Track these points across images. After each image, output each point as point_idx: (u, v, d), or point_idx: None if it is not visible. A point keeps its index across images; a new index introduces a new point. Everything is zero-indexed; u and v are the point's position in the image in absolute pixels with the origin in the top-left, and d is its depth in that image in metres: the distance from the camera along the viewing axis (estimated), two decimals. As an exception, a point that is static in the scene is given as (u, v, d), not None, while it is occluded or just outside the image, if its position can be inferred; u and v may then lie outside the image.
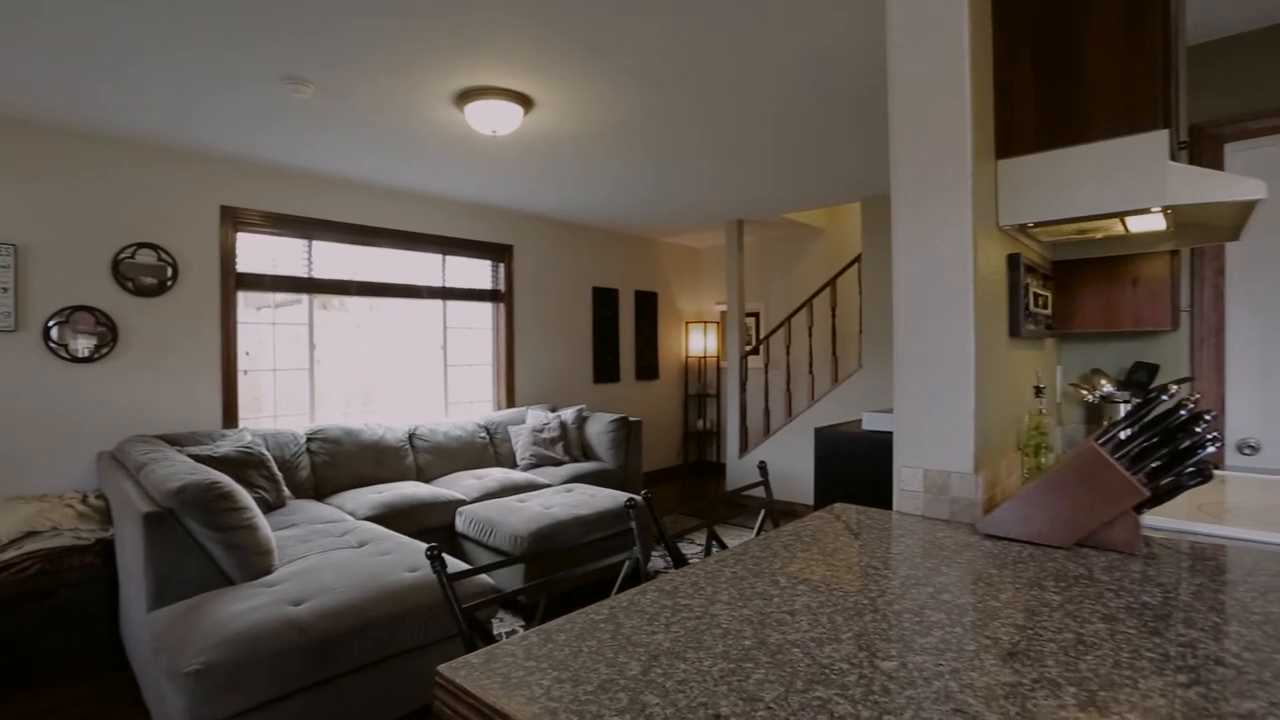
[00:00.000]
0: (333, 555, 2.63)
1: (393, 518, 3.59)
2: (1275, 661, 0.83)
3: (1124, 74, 1.53)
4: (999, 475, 1.62)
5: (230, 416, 4.02)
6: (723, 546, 1.55)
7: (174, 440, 3.49)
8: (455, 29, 2.45)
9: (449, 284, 5.28)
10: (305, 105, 3.14)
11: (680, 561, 1.41)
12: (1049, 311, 2.06)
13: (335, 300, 4.65)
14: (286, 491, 3.57)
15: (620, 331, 6.70)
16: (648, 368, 7.00)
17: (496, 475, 4.37)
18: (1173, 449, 1.26)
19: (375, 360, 4.89)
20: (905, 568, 1.22)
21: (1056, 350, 2.50)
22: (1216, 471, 2.12)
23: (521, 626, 3.20)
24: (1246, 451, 2.46)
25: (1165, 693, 0.76)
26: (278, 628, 2.01)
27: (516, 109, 3.14)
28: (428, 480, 4.41)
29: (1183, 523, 1.47)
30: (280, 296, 4.38)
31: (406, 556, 2.64)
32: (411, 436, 4.53)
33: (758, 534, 1.54)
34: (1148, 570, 1.19)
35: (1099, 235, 1.94)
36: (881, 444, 2.50)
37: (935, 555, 1.28)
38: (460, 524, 3.76)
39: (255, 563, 2.35)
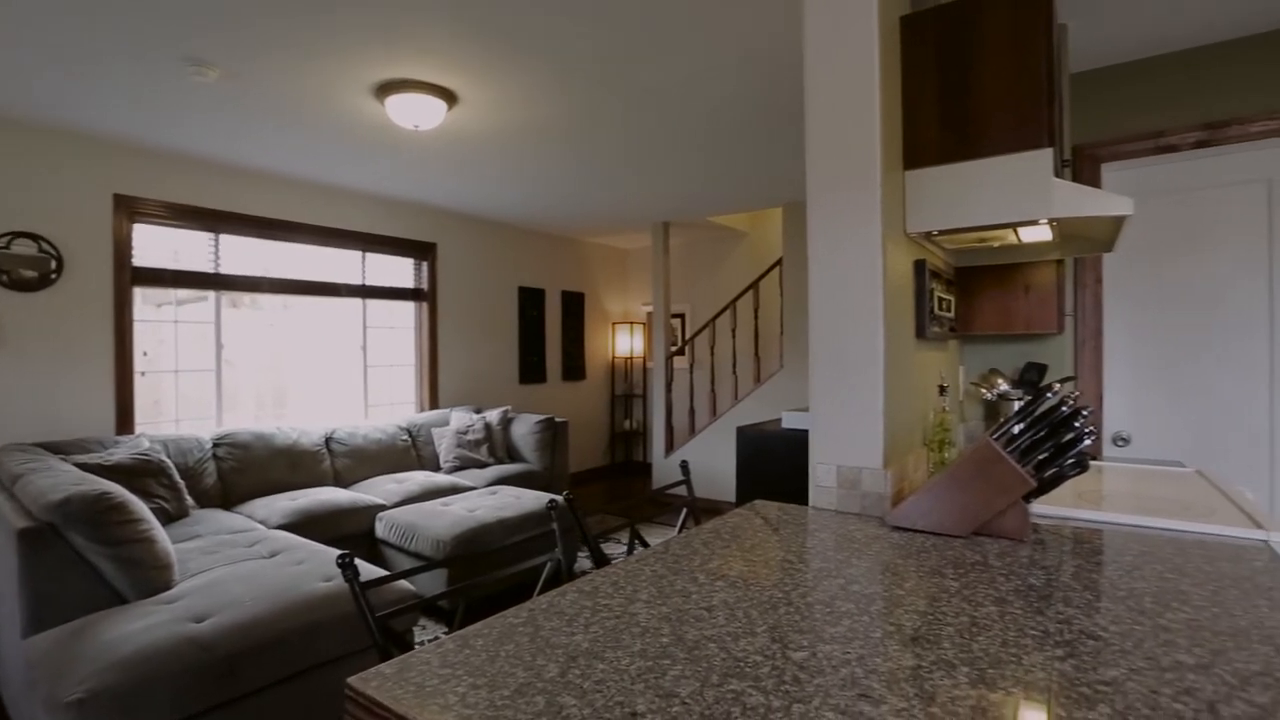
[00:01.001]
0: (241, 567, 2.49)
1: (308, 525, 3.43)
2: (1135, 633, 0.92)
3: (1013, 96, 1.64)
4: (906, 470, 1.71)
5: (125, 421, 3.74)
6: (645, 545, 1.57)
7: (58, 449, 3.21)
8: (373, 18, 2.37)
9: (369, 282, 5.10)
10: (210, 89, 2.97)
11: (602, 561, 1.42)
12: (952, 315, 2.19)
13: (246, 298, 4.41)
14: (190, 501, 3.36)
15: (547, 332, 6.66)
16: (574, 368, 6.98)
17: (419, 478, 4.26)
18: (1056, 442, 1.37)
19: (290, 361, 4.67)
20: (818, 561, 1.27)
21: (959, 351, 2.66)
22: (1095, 462, 2.32)
23: (445, 634, 3.14)
24: (1120, 443, 2.70)
25: (1044, 666, 0.83)
26: (177, 647, 1.89)
27: (440, 104, 3.07)
28: (346, 485, 4.25)
29: (1066, 510, 1.60)
30: (184, 293, 4.11)
31: (322, 565, 2.54)
32: (329, 440, 4.35)
33: (679, 532, 1.57)
34: (1034, 555, 1.28)
35: (996, 244, 2.08)
36: (800, 442, 2.59)
37: (847, 548, 1.35)
38: (381, 530, 3.64)
39: (152, 578, 2.20)
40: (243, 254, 4.34)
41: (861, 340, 1.59)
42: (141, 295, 3.89)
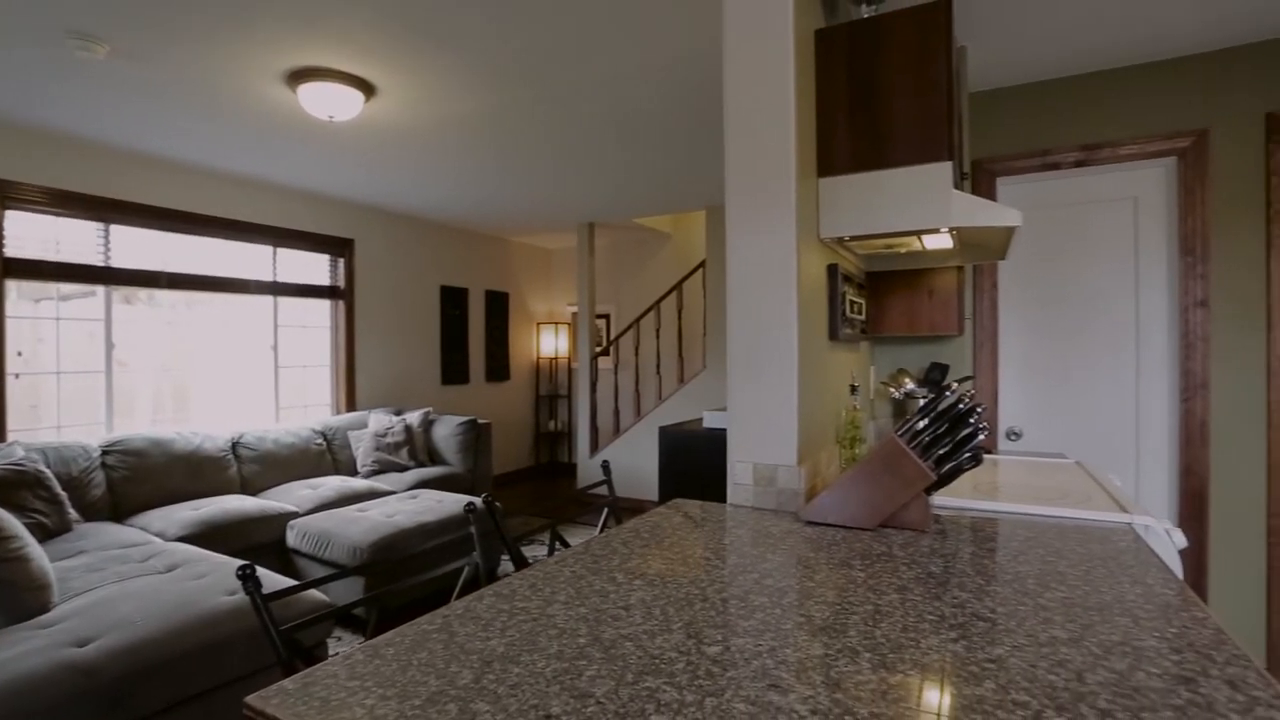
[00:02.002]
0: (132, 584, 2.32)
1: (212, 536, 3.23)
2: (1019, 612, 0.99)
3: (916, 111, 1.74)
4: (820, 466, 1.78)
5: (-4, 429, 3.41)
6: (566, 546, 1.57)
7: (-85, 459, 2.90)
8: (284, 1, 2.26)
9: (281, 279, 4.85)
10: (99, 67, 2.74)
11: (522, 564, 1.41)
12: (863, 317, 2.30)
13: (142, 293, 4.11)
14: (73, 514, 3.10)
15: (470, 332, 6.53)
16: (498, 369, 6.88)
17: (334, 484, 4.09)
18: (954, 437, 1.46)
19: (192, 362, 4.38)
20: (735, 557, 1.30)
21: (870, 352, 2.78)
22: (990, 455, 2.48)
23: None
24: (1013, 437, 2.90)
25: (939, 649, 0.89)
26: (54, 674, 1.74)
27: (356, 95, 2.96)
28: (255, 493, 4.02)
29: (964, 501, 1.71)
30: (68, 287, 3.78)
31: (226, 579, 2.40)
32: (236, 445, 4.11)
33: (600, 532, 1.57)
34: (935, 544, 1.36)
35: (903, 250, 2.19)
36: (721, 441, 2.65)
37: (762, 543, 1.39)
38: (292, 539, 3.47)
39: (26, 601, 2.01)
40: (138, 246, 4.04)
41: (776, 341, 1.64)
42: (16, 288, 3.55)
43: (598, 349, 6.31)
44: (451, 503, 3.82)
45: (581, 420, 6.09)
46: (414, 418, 4.90)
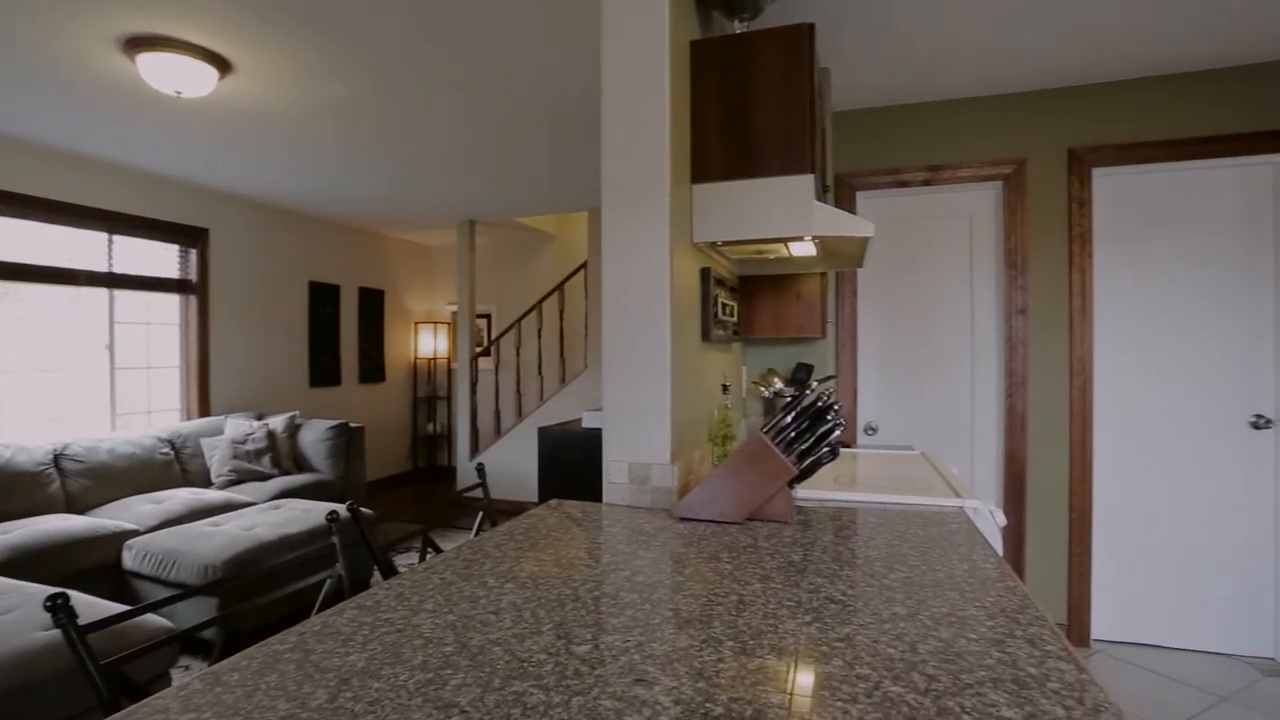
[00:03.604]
0: (-83, 622, 1.99)
1: (25, 563, 2.84)
2: (866, 593, 1.08)
3: (782, 126, 1.84)
4: (693, 464, 1.84)
5: None
6: (439, 552, 1.52)
7: None
8: (112, -37, 2.03)
9: (119, 269, 4.33)
10: None
11: (390, 573, 1.35)
12: (735, 319, 2.40)
13: (-73, 284, 3.52)
14: None
15: (342, 331, 6.16)
16: (373, 369, 6.54)
17: (183, 497, 3.72)
18: (815, 434, 1.56)
19: (1, 363, 3.82)
20: (608, 555, 1.32)
21: (741, 352, 2.92)
22: (851, 449, 2.68)
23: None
24: (870, 432, 3.15)
25: (795, 632, 0.95)
26: None
27: (209, 70, 2.71)
28: (84, 510, 3.58)
29: (826, 492, 1.83)
30: None
31: (40, 611, 2.11)
32: (59, 457, 3.63)
33: (475, 536, 1.54)
34: (797, 534, 1.45)
35: (772, 256, 2.32)
36: (599, 440, 2.67)
37: (636, 541, 1.42)
38: (130, 560, 3.12)
39: None
40: (-75, 229, 3.47)
41: (650, 342, 1.68)
42: None
43: (478, 349, 6.17)
44: (319, 512, 3.59)
45: (461, 422, 5.92)
46: (278, 422, 4.56)
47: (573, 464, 2.66)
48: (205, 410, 4.82)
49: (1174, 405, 2.86)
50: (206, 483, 4.26)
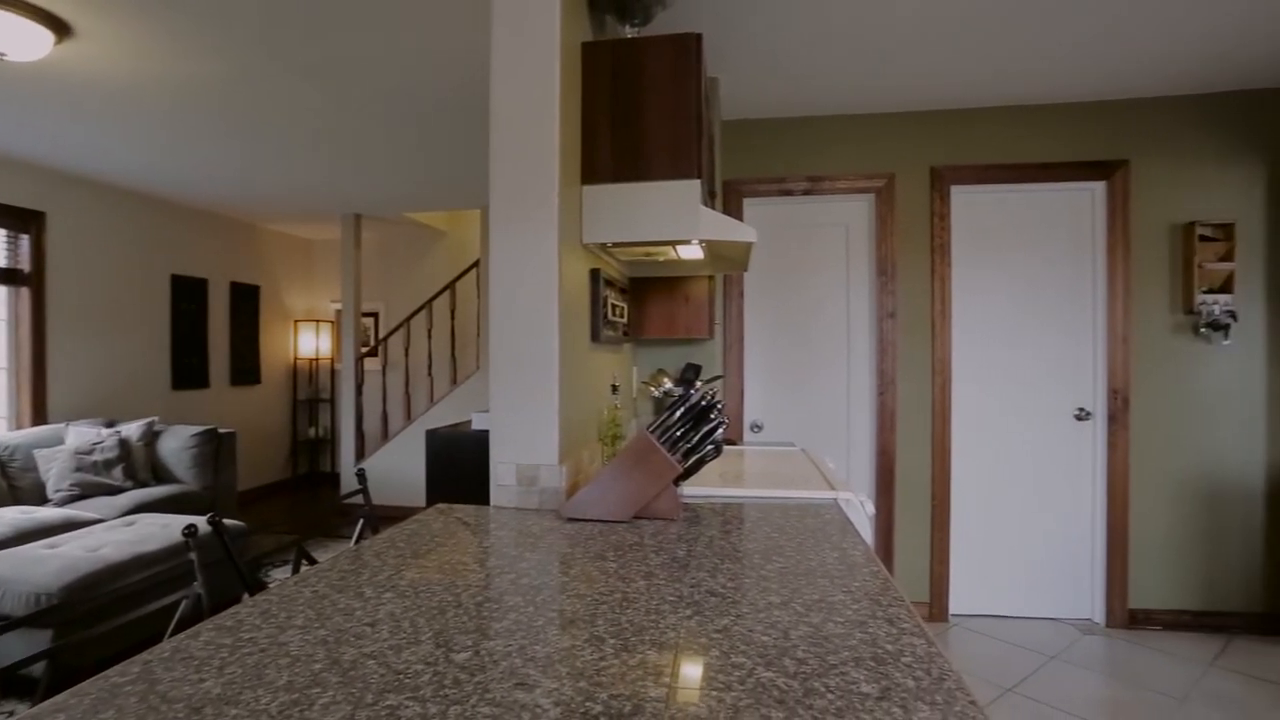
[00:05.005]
0: None
1: None
2: (744, 585, 1.13)
3: (670, 131, 1.88)
4: (582, 464, 1.85)
5: None
6: (314, 563, 1.44)
7: None
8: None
9: (-83, 256, 3.76)
10: None
11: (257, 589, 1.26)
12: (625, 320, 2.43)
13: None
14: None
15: (210, 328, 5.67)
16: (246, 370, 6.07)
17: (9, 518, 3.28)
18: (699, 432, 1.61)
19: None
20: (494, 559, 1.30)
21: (631, 353, 2.96)
22: (737, 446, 2.78)
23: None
24: (756, 429, 3.29)
25: (676, 626, 0.97)
26: None
27: (42, 31, 2.40)
28: (-128, 536, 3.07)
29: (712, 489, 1.89)
30: None
31: None
32: None
33: (355, 544, 1.47)
34: (682, 531, 1.49)
35: (661, 258, 2.36)
36: (489, 442, 2.62)
37: (522, 543, 1.40)
38: (-65, 591, 2.71)
39: None
40: None
41: (538, 343, 1.67)
42: None
43: (364, 349, 5.87)
44: (180, 527, 3.28)
45: (346, 426, 5.62)
46: (133, 429, 4.13)
47: (462, 467, 2.60)
48: (40, 417, 4.27)
49: (1014, 401, 3.21)
50: (42, 500, 3.79)
